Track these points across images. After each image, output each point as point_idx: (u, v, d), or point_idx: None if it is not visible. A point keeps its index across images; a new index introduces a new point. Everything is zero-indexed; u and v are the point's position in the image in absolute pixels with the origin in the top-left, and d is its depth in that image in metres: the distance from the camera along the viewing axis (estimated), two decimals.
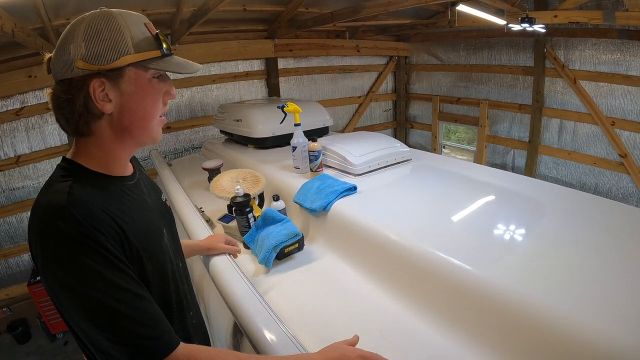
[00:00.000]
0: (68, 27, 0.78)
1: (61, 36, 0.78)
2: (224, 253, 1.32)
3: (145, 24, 0.83)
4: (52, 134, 3.54)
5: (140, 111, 0.82)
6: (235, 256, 1.36)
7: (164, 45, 0.83)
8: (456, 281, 1.11)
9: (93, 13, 0.78)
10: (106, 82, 0.77)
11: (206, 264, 1.32)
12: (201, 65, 0.91)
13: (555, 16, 3.36)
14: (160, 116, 0.88)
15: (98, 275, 0.69)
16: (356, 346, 0.88)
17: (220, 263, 1.26)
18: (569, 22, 3.50)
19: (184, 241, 1.27)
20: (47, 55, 0.81)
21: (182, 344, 0.77)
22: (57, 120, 0.81)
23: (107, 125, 0.81)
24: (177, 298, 0.97)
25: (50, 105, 0.80)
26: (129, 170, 0.92)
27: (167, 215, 1.04)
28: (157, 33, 0.83)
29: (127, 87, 0.79)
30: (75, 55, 0.75)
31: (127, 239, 0.77)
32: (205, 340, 1.16)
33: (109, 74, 0.77)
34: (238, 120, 2.67)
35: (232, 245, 1.36)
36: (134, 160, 1.00)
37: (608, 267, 1.07)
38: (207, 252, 1.33)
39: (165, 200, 1.08)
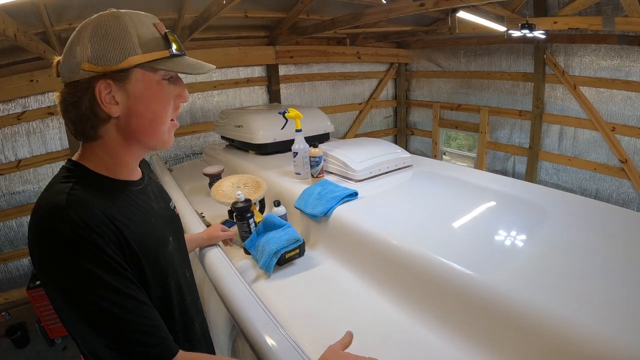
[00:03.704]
0: (77, 29, 0.77)
1: (69, 39, 0.77)
2: (223, 240, 1.50)
3: (154, 24, 0.80)
4: (53, 138, 3.54)
5: (149, 115, 0.80)
6: (232, 240, 1.56)
7: (174, 46, 0.80)
8: (458, 286, 1.10)
9: (101, 14, 0.76)
10: (112, 84, 0.75)
11: (206, 269, 1.31)
12: (214, 66, 0.88)
13: (555, 22, 3.38)
14: (172, 120, 0.85)
15: (96, 278, 0.67)
16: (355, 350, 0.86)
17: (222, 269, 1.26)
18: (569, 28, 3.52)
19: (186, 235, 1.29)
20: (57, 59, 0.80)
21: (181, 351, 0.76)
22: (66, 124, 0.79)
23: (114, 129, 0.79)
24: (181, 309, 0.94)
25: (59, 109, 0.79)
26: (136, 175, 0.90)
27: (174, 224, 1.01)
28: (165, 32, 0.80)
29: (134, 89, 0.77)
30: (81, 57, 0.74)
31: (127, 244, 0.74)
32: (209, 352, 1.13)
33: (115, 76, 0.75)
34: (239, 126, 2.67)
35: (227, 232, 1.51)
36: (144, 165, 0.98)
37: (612, 272, 1.07)
38: (209, 242, 1.43)
39: (174, 208, 1.06)
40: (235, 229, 1.68)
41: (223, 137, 3.07)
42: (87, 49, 0.73)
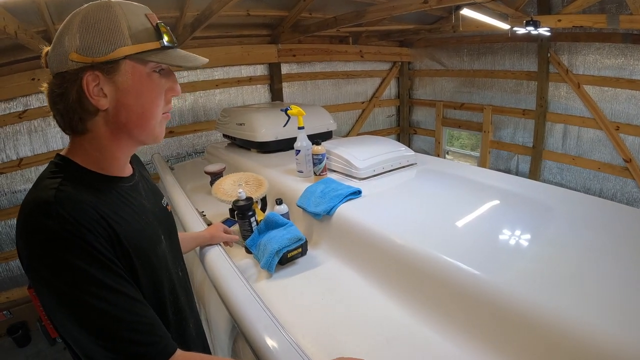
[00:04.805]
0: (67, 18, 0.74)
1: (59, 28, 0.75)
2: (224, 242, 1.45)
3: (146, 15, 0.78)
4: (55, 137, 3.54)
5: (138, 108, 0.77)
6: (231, 245, 1.51)
7: (165, 37, 0.77)
8: (464, 286, 1.08)
9: (91, 4, 0.74)
10: (100, 75, 0.72)
11: (207, 268, 1.30)
12: (206, 59, 0.86)
13: (559, 20, 3.36)
14: (164, 113, 0.83)
15: (86, 275, 0.65)
16: (360, 352, 0.85)
17: (222, 268, 1.24)
18: (573, 26, 3.49)
19: (186, 234, 1.31)
20: (45, 49, 0.77)
21: (179, 350, 0.74)
22: (54, 116, 0.77)
23: (102, 122, 0.76)
24: (175, 309, 0.92)
25: (47, 101, 0.76)
26: (127, 171, 0.88)
27: (166, 222, 0.99)
28: (157, 24, 0.78)
29: (123, 81, 0.74)
30: (69, 48, 0.71)
31: (118, 241, 0.72)
32: (205, 352, 1.11)
33: (104, 67, 0.72)
34: (241, 124, 2.66)
35: (230, 236, 1.47)
36: (136, 162, 0.96)
37: (621, 272, 1.05)
38: (210, 242, 1.40)
39: (167, 205, 1.03)
40: (236, 228, 1.67)
41: (225, 136, 3.06)
42: (76, 39, 0.71)
